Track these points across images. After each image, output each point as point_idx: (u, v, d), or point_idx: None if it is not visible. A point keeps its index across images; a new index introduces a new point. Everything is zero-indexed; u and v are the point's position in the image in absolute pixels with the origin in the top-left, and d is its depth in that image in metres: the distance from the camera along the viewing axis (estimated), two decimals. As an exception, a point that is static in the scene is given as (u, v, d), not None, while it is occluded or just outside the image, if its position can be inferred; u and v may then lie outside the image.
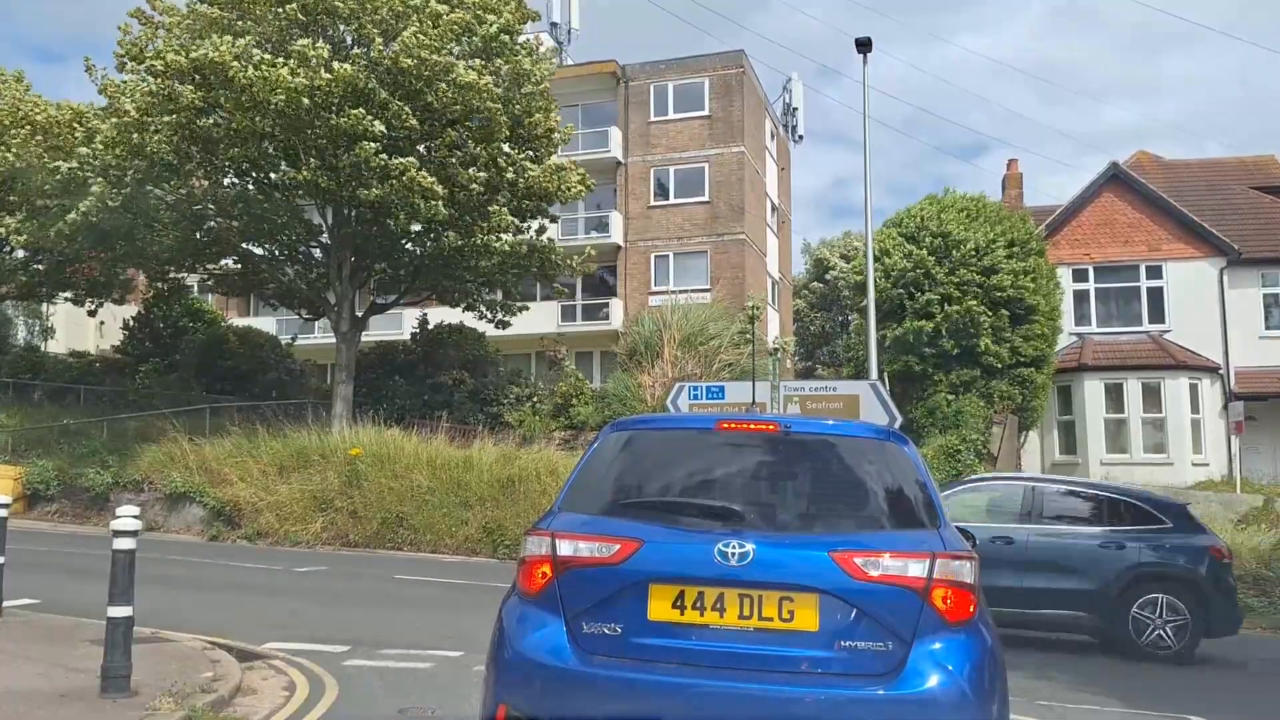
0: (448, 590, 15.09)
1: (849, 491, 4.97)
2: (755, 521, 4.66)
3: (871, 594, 4.40)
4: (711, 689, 4.29)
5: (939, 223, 26.31)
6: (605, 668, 4.44)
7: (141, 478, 23.05)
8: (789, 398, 20.70)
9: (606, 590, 4.56)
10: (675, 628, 4.46)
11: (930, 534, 4.66)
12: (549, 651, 4.53)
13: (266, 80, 20.15)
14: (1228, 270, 30.49)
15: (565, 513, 4.98)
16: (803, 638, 4.40)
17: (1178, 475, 27.66)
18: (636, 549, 4.57)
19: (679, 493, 4.96)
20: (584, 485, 5.21)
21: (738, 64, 38.05)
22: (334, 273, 25.33)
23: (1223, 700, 10.09)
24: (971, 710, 4.31)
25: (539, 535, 4.83)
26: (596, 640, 4.53)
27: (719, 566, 4.45)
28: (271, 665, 9.02)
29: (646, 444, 5.40)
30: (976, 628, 4.51)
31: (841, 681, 4.31)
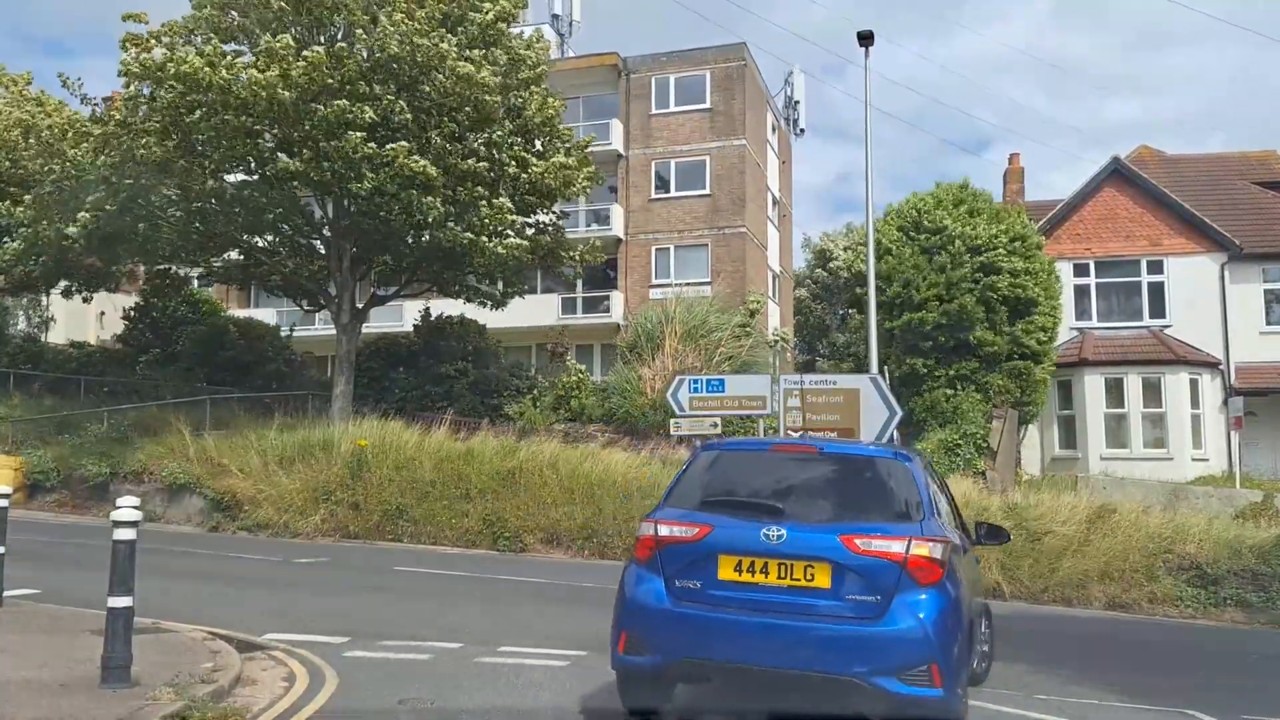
0: (448, 582, 15.11)
1: (860, 494, 7.15)
2: (790, 514, 6.86)
3: (866, 563, 6.52)
4: (758, 623, 6.54)
5: (934, 219, 26.29)
6: (690, 609, 6.71)
7: (141, 468, 23.03)
8: (789, 391, 20.69)
9: (690, 558, 6.81)
10: (735, 584, 6.70)
11: (914, 525, 6.77)
12: (654, 598, 6.82)
13: (236, 82, 20.19)
14: (1229, 266, 30.47)
15: (667, 506, 7.30)
16: (819, 592, 6.56)
17: (1177, 470, 27.69)
18: (710, 531, 6.84)
19: (741, 494, 7.22)
20: (681, 487, 7.47)
21: (739, 57, 37.98)
22: (334, 264, 25.33)
23: (1222, 694, 10.09)
24: (931, 644, 6.37)
25: (649, 522, 7.11)
26: (684, 591, 6.78)
27: (763, 544, 6.67)
28: (271, 656, 9.05)
29: (724, 459, 7.80)
30: (943, 587, 6.56)
31: (845, 621, 6.47)
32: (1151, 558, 17.44)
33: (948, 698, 6.37)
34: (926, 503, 7.00)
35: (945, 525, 7.32)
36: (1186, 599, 16.27)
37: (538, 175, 23.65)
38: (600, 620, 12.11)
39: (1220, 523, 18.87)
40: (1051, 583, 17.91)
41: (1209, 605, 16.14)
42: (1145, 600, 16.38)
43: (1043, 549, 18.39)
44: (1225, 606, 16.12)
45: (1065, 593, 17.70)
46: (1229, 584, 16.38)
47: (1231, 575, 16.46)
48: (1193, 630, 15.01)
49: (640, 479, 20.53)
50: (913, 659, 6.33)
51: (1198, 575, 16.57)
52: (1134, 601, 17.32)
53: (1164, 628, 14.90)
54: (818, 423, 20.45)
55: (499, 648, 9.81)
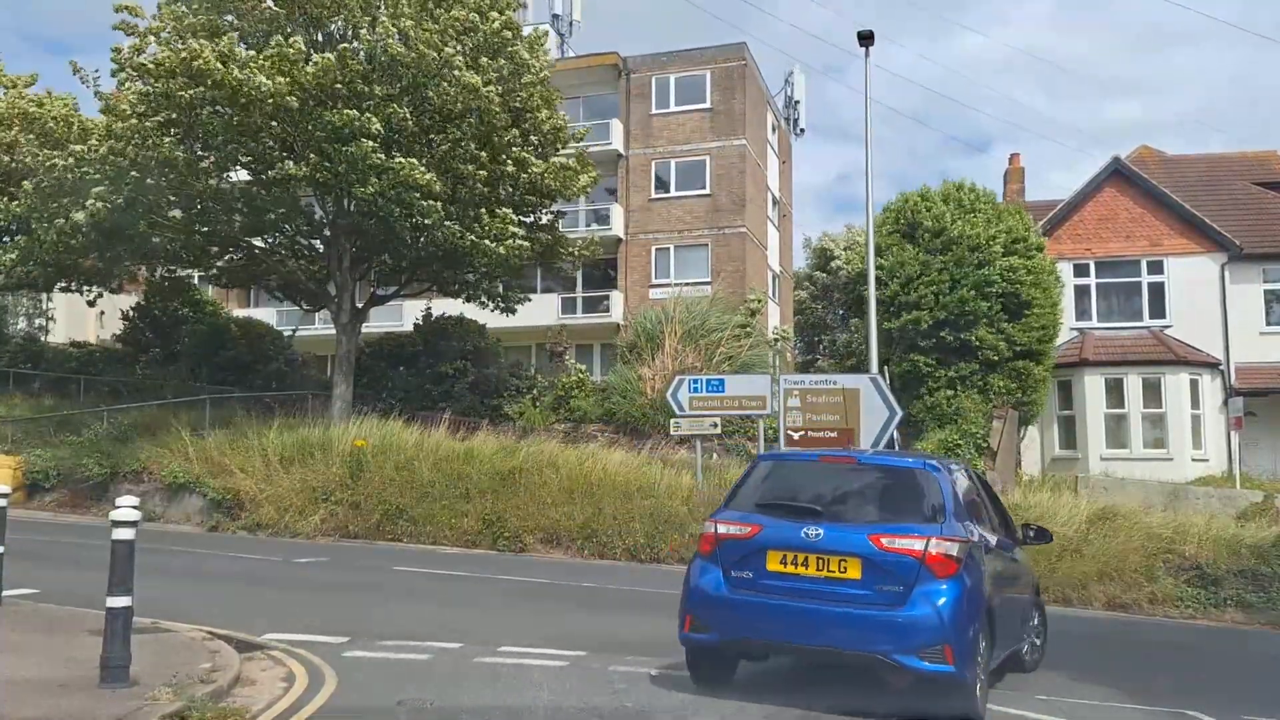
0: (447, 582, 15.09)
1: (889, 499, 8.27)
2: (827, 515, 8.05)
3: (891, 559, 7.63)
4: (800, 608, 7.74)
5: (935, 218, 26.25)
6: (743, 595, 7.96)
7: (141, 468, 22.97)
8: (789, 391, 20.68)
9: (743, 553, 8.05)
10: (781, 574, 7.90)
11: (935, 526, 7.82)
12: (713, 585, 8.09)
13: (248, 83, 20.15)
14: (1229, 266, 30.43)
15: (727, 509, 8.58)
16: (851, 582, 7.68)
17: (1177, 471, 27.63)
18: (760, 530, 8.09)
19: (787, 498, 8.39)
20: (740, 492, 8.76)
21: (739, 56, 37.95)
22: (334, 264, 25.31)
23: (1222, 695, 10.10)
24: (945, 627, 7.42)
25: (710, 521, 8.43)
26: (738, 580, 8.03)
27: (804, 541, 7.87)
28: (270, 656, 9.04)
29: (776, 468, 9.11)
30: (960, 580, 7.62)
31: (873, 607, 7.58)
32: (1151, 558, 17.39)
33: (960, 673, 7.44)
34: (950, 507, 8.02)
35: (970, 526, 8.23)
36: (1187, 599, 16.24)
37: (537, 175, 23.63)
38: (600, 621, 12.25)
39: (1220, 523, 18.83)
40: (1051, 582, 17.81)
41: (1209, 606, 16.12)
42: (1145, 600, 16.35)
43: (1042, 549, 18.34)
44: (1225, 607, 16.10)
45: (1065, 592, 17.63)
46: (1229, 584, 16.35)
47: (1232, 576, 16.44)
48: (1193, 630, 14.99)
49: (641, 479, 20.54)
50: (929, 640, 7.41)
51: (1198, 575, 16.54)
52: (1134, 602, 17.25)
53: (1164, 628, 14.89)
54: (818, 423, 20.45)
55: (499, 648, 9.80)
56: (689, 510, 19.39)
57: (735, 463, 22.95)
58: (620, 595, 14.68)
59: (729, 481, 20.43)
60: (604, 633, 11.15)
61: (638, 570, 17.87)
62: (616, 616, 12.68)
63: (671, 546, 18.81)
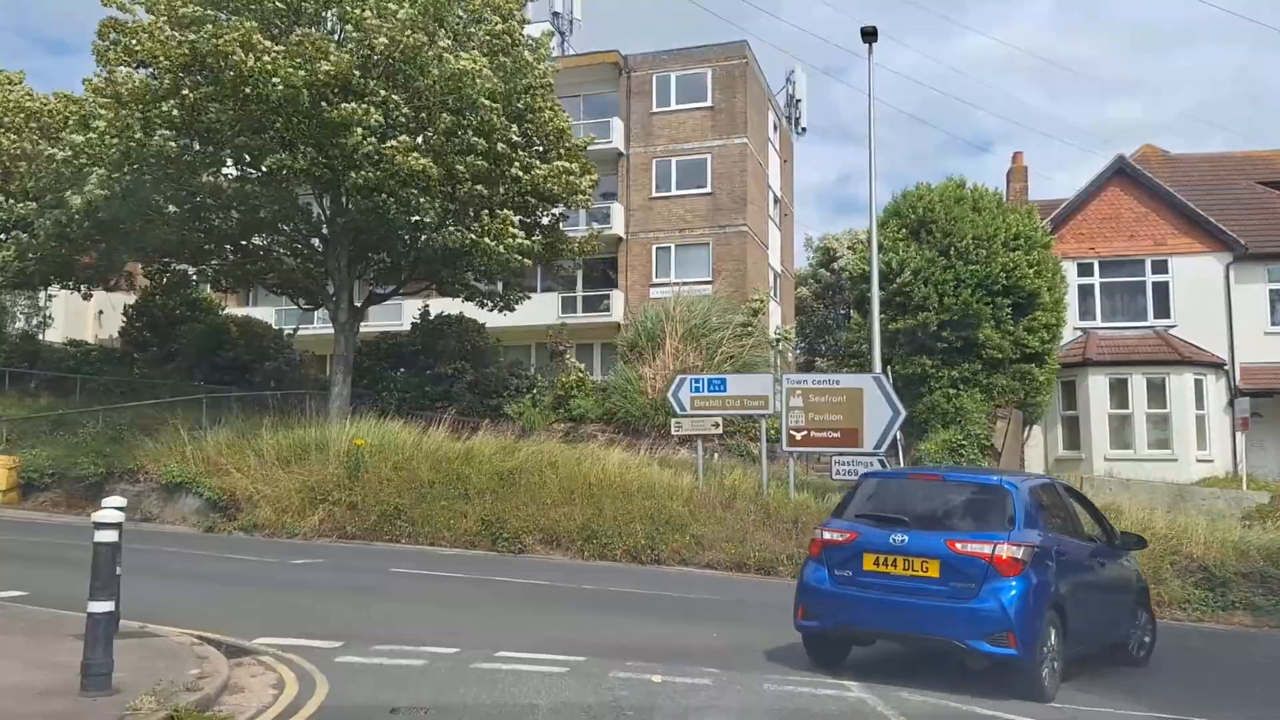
0: (445, 584, 14.87)
1: (966, 509, 9.74)
2: (912, 524, 9.51)
3: (963, 560, 9.03)
4: (890, 600, 9.20)
5: (941, 216, 26.00)
6: (844, 589, 9.48)
7: (137, 467, 22.73)
8: (792, 391, 20.47)
9: (844, 555, 9.56)
10: (874, 573, 9.37)
11: (1003, 533, 9.14)
12: (820, 581, 9.67)
13: (269, 71, 19.87)
14: (1234, 266, 30.21)
15: (834, 519, 10.22)
16: (931, 579, 9.10)
17: (1182, 471, 27.43)
18: (857, 536, 9.58)
19: (881, 509, 9.90)
20: (848, 504, 10.33)
21: (740, 55, 37.74)
22: (332, 262, 25.09)
23: (1231, 699, 9.99)
24: (1008, 617, 8.76)
25: (819, 529, 10.14)
26: (840, 577, 9.54)
27: (891, 545, 9.35)
28: (261, 661, 8.80)
29: (875, 484, 10.66)
30: (1025, 577, 8.92)
31: (949, 600, 9.00)
32: (1158, 560, 17.17)
33: (1022, 656, 8.81)
34: (1019, 517, 9.32)
35: (1042, 533, 9.44)
36: (1194, 602, 16.02)
37: (540, 179, 23.38)
38: (600, 624, 12.04)
39: (1227, 525, 18.64)
40: None
41: (1217, 608, 15.89)
42: (1152, 603, 16.10)
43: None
44: (1234, 610, 15.87)
45: None
46: (1238, 587, 16.13)
47: (1239, 578, 16.22)
48: (1200, 634, 14.78)
49: (641, 480, 20.34)
50: (995, 627, 8.78)
51: (1205, 578, 16.33)
52: None
53: (1172, 631, 14.62)
54: (820, 422, 20.25)
55: (496, 653, 9.57)
56: (690, 511, 19.19)
57: (737, 463, 22.73)
58: (621, 598, 14.46)
59: (730, 482, 20.39)
60: (604, 637, 10.93)
61: (638, 572, 17.67)
62: (617, 620, 12.46)
63: (672, 548, 18.60)
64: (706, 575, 17.88)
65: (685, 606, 13.94)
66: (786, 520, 18.95)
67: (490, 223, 22.62)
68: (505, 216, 22.70)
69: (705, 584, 16.64)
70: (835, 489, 20.14)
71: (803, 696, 8.69)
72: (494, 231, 22.68)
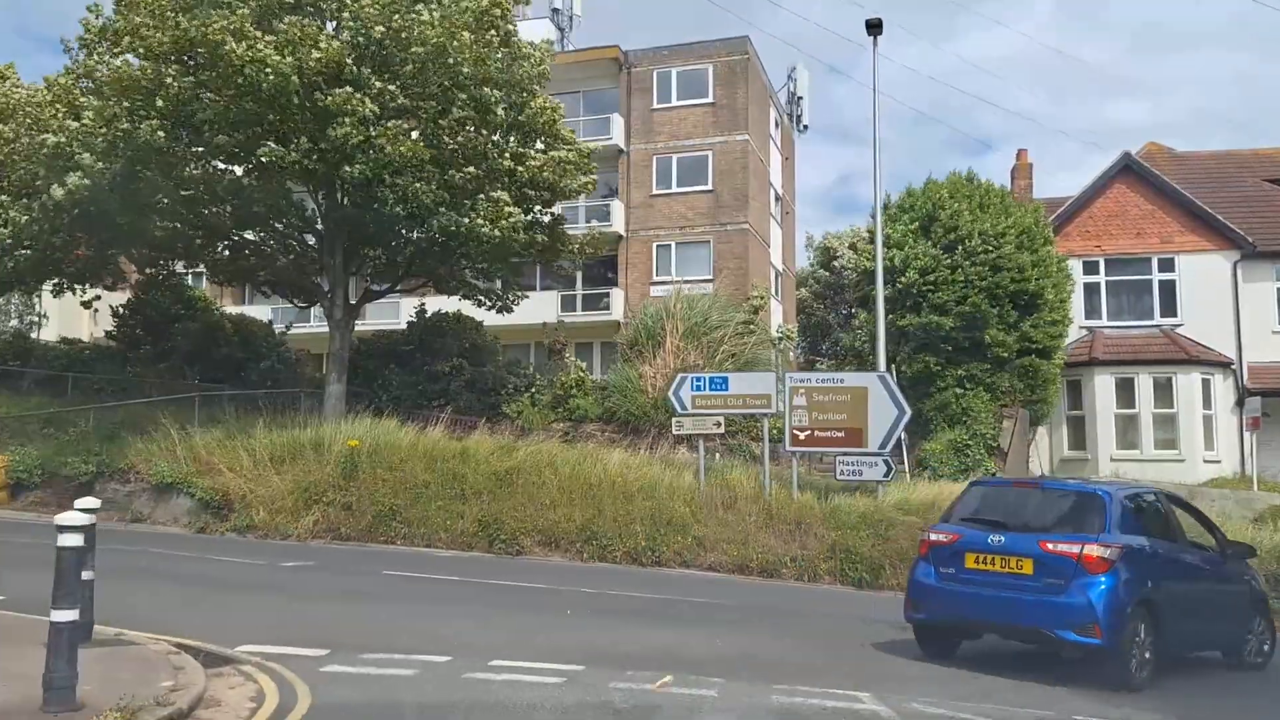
0: (439, 588, 14.43)
1: (1060, 514, 10.68)
2: (1009, 526, 10.46)
3: (1054, 559, 9.93)
4: (989, 594, 10.17)
5: (949, 213, 25.61)
6: (948, 585, 10.50)
7: (128, 467, 22.27)
8: (795, 389, 20.08)
9: (948, 554, 10.59)
10: (975, 570, 10.34)
11: (1092, 535, 10.03)
12: (927, 578, 10.73)
13: (257, 60, 19.44)
14: (1241, 263, 29.90)
15: (941, 522, 11.34)
16: (1026, 576, 10.01)
17: (1189, 472, 27.14)
18: (959, 538, 10.59)
19: (982, 514, 10.94)
20: (954, 509, 11.46)
21: (742, 50, 37.30)
22: (326, 259, 24.66)
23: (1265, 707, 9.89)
24: (1094, 610, 9.60)
25: (926, 531, 11.59)
26: (945, 574, 10.56)
27: (990, 545, 10.30)
28: (242, 671, 8.33)
29: (980, 491, 11.76)
30: (1112, 574, 9.77)
31: (1040, 594, 9.88)
32: None
33: (1107, 645, 9.63)
34: (1110, 522, 10.19)
35: (1133, 538, 10.29)
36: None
37: (535, 170, 22.93)
38: (600, 630, 11.58)
39: (1238, 526, 18.33)
40: None
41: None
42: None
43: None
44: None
45: None
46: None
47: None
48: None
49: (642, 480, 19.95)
50: (1082, 619, 9.66)
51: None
52: None
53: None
54: (824, 422, 19.86)
55: (491, 661, 9.13)
56: (691, 512, 18.82)
57: (739, 463, 22.33)
58: (621, 602, 14.06)
59: (732, 483, 19.99)
60: (605, 644, 10.51)
61: (639, 574, 17.31)
62: (617, 625, 12.03)
63: (674, 550, 18.26)
64: (708, 578, 17.56)
65: (687, 611, 13.54)
66: (789, 522, 18.59)
67: (486, 205, 22.09)
68: (499, 198, 22.17)
69: (707, 587, 16.28)
70: (839, 490, 19.81)
71: (812, 709, 8.26)
72: (489, 215, 22.17)
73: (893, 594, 17.32)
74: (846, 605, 15.43)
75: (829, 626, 13.28)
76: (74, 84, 22.08)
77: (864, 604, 15.69)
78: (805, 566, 17.86)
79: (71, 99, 22.05)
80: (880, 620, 13.69)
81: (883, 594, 17.27)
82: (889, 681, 9.43)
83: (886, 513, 18.59)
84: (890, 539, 17.96)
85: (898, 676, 9.79)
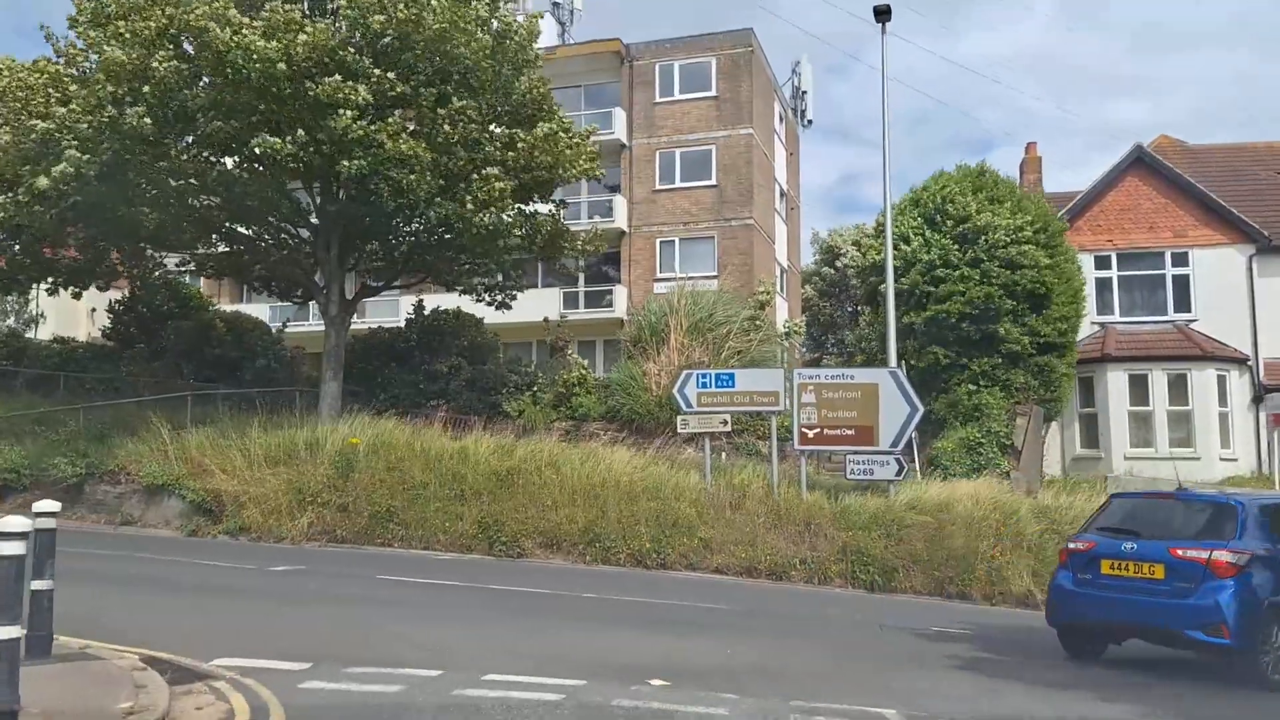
0: (434, 593, 13.78)
1: (1191, 522, 11.24)
2: (1142, 534, 11.13)
3: (1184, 564, 10.47)
4: (1123, 598, 10.77)
5: (959, 205, 24.97)
6: (1085, 590, 11.15)
7: (118, 468, 21.67)
8: (804, 386, 19.49)
9: (1085, 561, 11.28)
10: (1110, 576, 11.00)
11: (1222, 541, 10.54)
12: (1066, 584, 11.42)
13: (241, 47, 18.84)
14: (1257, 258, 29.26)
15: (1081, 532, 12.08)
16: (1157, 580, 10.60)
17: (1205, 470, 26.54)
18: (1095, 545, 11.31)
19: (1117, 523, 11.58)
20: (1093, 519, 12.18)
21: (746, 43, 36.65)
22: (322, 253, 24.02)
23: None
24: (1221, 611, 10.06)
25: (1068, 541, 12.04)
26: (1082, 580, 11.26)
27: (1123, 552, 11.01)
28: (214, 688, 7.62)
29: (1118, 503, 12.24)
30: (1240, 578, 10.24)
31: (1171, 597, 10.43)
32: None
33: (1236, 644, 10.04)
34: (1241, 528, 10.65)
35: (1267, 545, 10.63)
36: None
37: (526, 150, 22.18)
38: (602, 640, 10.88)
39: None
40: None
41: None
42: (1190, 610, 15.09)
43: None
44: None
45: None
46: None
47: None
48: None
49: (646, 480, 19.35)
50: (1210, 620, 10.10)
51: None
52: None
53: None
54: (834, 419, 19.28)
55: (484, 675, 8.47)
56: (697, 513, 18.24)
57: (747, 462, 21.71)
58: (625, 608, 13.43)
59: (739, 482, 19.39)
60: (607, 654, 9.89)
61: (644, 578, 16.73)
62: (621, 634, 11.38)
63: (679, 552, 17.69)
64: (715, 580, 17.01)
65: (695, 617, 12.92)
66: (798, 522, 18.02)
67: (479, 188, 21.39)
68: (489, 175, 21.45)
69: (714, 591, 15.69)
70: (850, 489, 19.22)
71: (833, 728, 7.63)
72: (481, 195, 21.47)
73: (907, 598, 16.79)
74: (860, 610, 14.82)
75: (845, 633, 12.66)
76: (63, 70, 21.44)
77: (879, 608, 15.09)
78: (815, 569, 17.29)
79: (62, 86, 21.44)
80: (898, 626, 13.10)
81: (897, 597, 16.73)
82: (914, 696, 8.82)
83: (899, 513, 18.02)
84: (903, 540, 17.42)
85: (923, 690, 9.16)
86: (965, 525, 17.61)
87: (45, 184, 20.08)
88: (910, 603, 16.44)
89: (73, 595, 12.01)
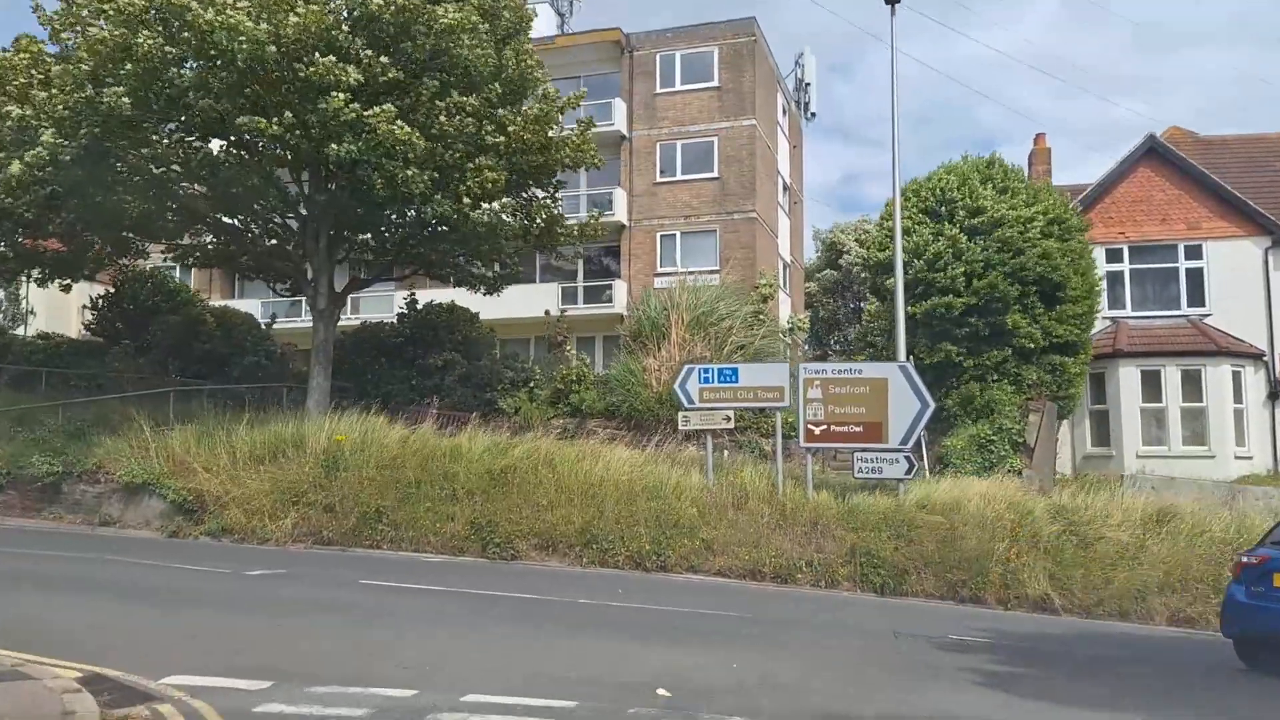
0: (420, 599, 12.94)
1: None
2: None
3: None
4: None
5: (969, 196, 24.21)
6: (1257, 602, 11.28)
7: (97, 466, 20.85)
8: (810, 381, 18.73)
9: (1258, 574, 11.44)
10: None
11: None
12: (1239, 597, 11.56)
13: (226, 27, 18.05)
14: (1273, 250, 28.65)
15: (1256, 546, 12.20)
16: None
17: (1219, 469, 25.92)
18: (1267, 559, 11.43)
19: None
20: (1269, 534, 12.29)
21: (749, 32, 35.87)
22: (311, 244, 23.22)
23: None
24: None
25: (1240, 555, 12.31)
26: (1255, 593, 11.38)
27: None
28: (156, 712, 6.75)
29: None
30: None
31: None
32: (1217, 566, 15.92)
33: None
34: None
35: None
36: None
37: (517, 132, 21.36)
38: (599, 651, 9.94)
39: None
40: (1106, 595, 16.23)
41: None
42: (1214, 614, 14.41)
43: (1094, 556, 16.65)
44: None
45: (1122, 605, 16.23)
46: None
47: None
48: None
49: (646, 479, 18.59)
50: None
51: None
52: (1200, 616, 15.73)
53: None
54: (841, 416, 18.53)
55: (463, 696, 7.59)
56: (699, 513, 17.50)
57: (749, 460, 20.94)
58: (623, 615, 12.63)
59: (742, 481, 18.62)
60: (603, 669, 9.08)
61: (643, 581, 15.98)
62: (619, 645, 10.53)
63: (680, 553, 16.94)
64: (718, 584, 16.28)
65: (698, 625, 12.13)
66: (804, 523, 17.30)
67: (472, 180, 20.62)
68: (481, 163, 20.67)
69: (718, 595, 14.93)
70: (857, 488, 18.47)
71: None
72: (475, 187, 20.70)
73: (919, 602, 16.04)
74: (872, 615, 14.05)
75: (857, 642, 11.85)
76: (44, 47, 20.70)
77: (890, 613, 14.31)
78: (822, 571, 16.56)
79: (44, 66, 20.67)
80: (913, 634, 12.32)
81: (908, 601, 15.98)
82: (939, 717, 8.02)
83: (909, 513, 17.30)
84: (914, 541, 16.70)
85: (947, 711, 8.37)
86: (978, 526, 16.88)
87: (18, 169, 19.28)
88: (922, 607, 15.68)
89: (27, 602, 11.26)
